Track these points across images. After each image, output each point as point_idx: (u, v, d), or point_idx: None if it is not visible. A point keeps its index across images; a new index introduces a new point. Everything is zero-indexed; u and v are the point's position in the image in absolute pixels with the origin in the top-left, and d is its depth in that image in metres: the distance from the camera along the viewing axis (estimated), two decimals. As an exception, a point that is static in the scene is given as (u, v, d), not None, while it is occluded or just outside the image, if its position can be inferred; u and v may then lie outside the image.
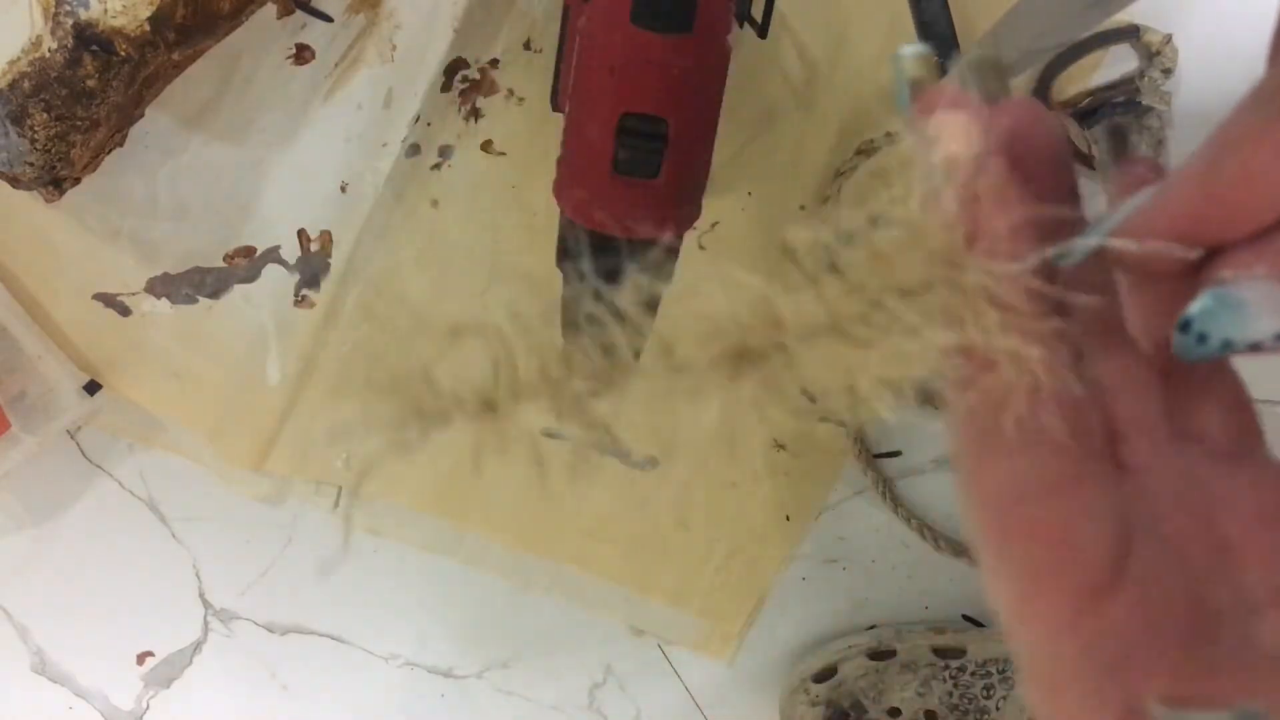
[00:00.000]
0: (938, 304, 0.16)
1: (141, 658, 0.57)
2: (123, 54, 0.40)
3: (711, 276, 0.18)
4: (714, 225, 0.50)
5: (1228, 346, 0.15)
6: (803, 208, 0.49)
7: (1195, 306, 0.16)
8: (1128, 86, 0.46)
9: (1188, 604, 0.17)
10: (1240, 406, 0.18)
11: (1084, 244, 0.17)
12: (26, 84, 0.40)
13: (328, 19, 0.46)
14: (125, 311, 0.51)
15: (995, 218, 0.16)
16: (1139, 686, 0.17)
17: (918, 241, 0.16)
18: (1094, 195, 0.49)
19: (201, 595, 0.56)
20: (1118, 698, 0.17)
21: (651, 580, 0.54)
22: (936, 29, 0.45)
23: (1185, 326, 0.16)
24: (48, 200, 0.46)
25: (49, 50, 0.40)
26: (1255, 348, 0.15)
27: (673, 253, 0.39)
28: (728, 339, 0.17)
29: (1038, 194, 0.17)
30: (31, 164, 0.42)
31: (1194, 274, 0.17)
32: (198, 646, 0.57)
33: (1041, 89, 0.46)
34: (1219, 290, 0.16)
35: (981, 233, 0.16)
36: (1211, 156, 0.16)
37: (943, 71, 0.19)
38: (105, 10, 0.39)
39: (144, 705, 0.57)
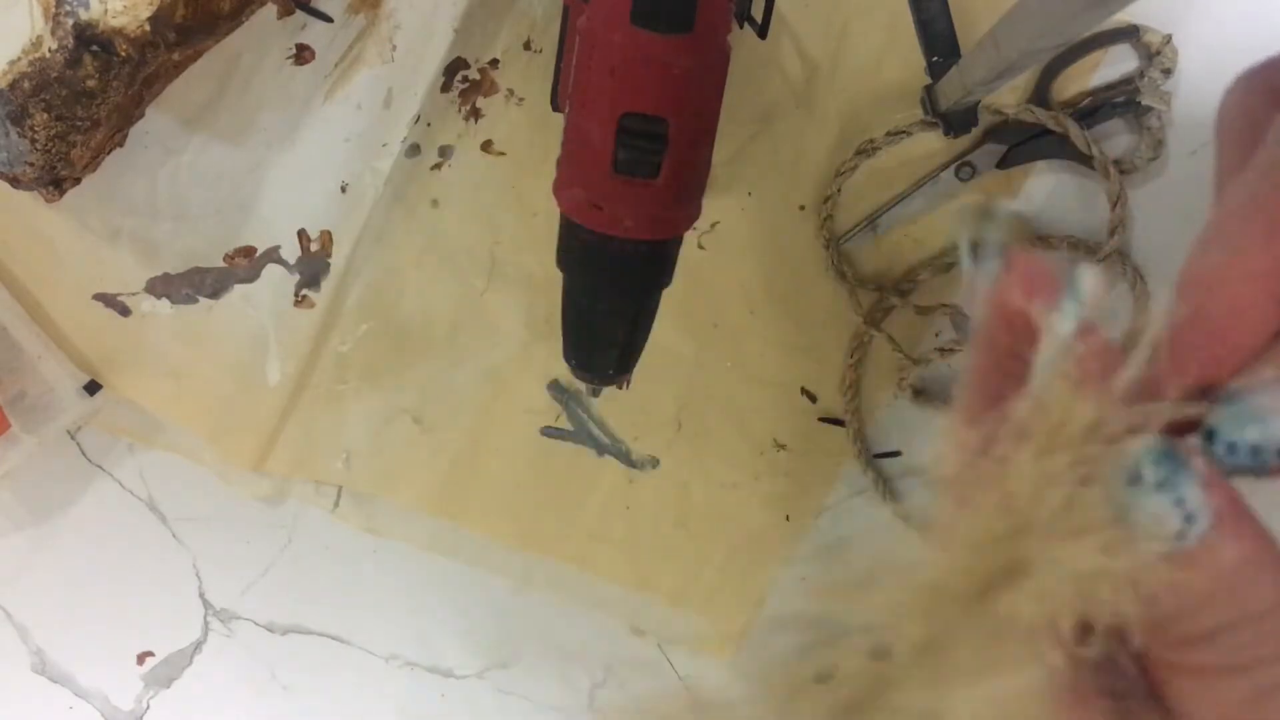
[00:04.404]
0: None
1: (141, 658, 0.57)
2: (123, 54, 0.40)
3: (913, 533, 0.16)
4: (714, 225, 0.50)
5: (1258, 454, 0.16)
6: (802, 208, 0.49)
7: (1215, 419, 0.16)
8: (1128, 86, 0.46)
9: None
10: None
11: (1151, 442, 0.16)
12: (27, 84, 0.40)
13: (328, 19, 0.46)
14: (125, 311, 0.51)
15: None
16: None
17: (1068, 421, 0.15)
18: (1096, 195, 0.49)
19: (201, 595, 0.56)
20: None
21: (651, 580, 0.54)
22: (936, 29, 0.45)
23: (1211, 436, 0.16)
24: (48, 200, 0.46)
25: (49, 50, 0.40)
26: None
27: (672, 253, 0.39)
28: (972, 575, 0.16)
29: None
30: (31, 164, 0.42)
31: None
32: (198, 646, 0.57)
33: (1041, 89, 0.46)
34: (1234, 401, 0.16)
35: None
36: (1195, 303, 0.17)
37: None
38: (105, 10, 0.39)
39: (144, 705, 0.57)
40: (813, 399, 0.52)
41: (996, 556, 0.16)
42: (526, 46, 0.48)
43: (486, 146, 0.49)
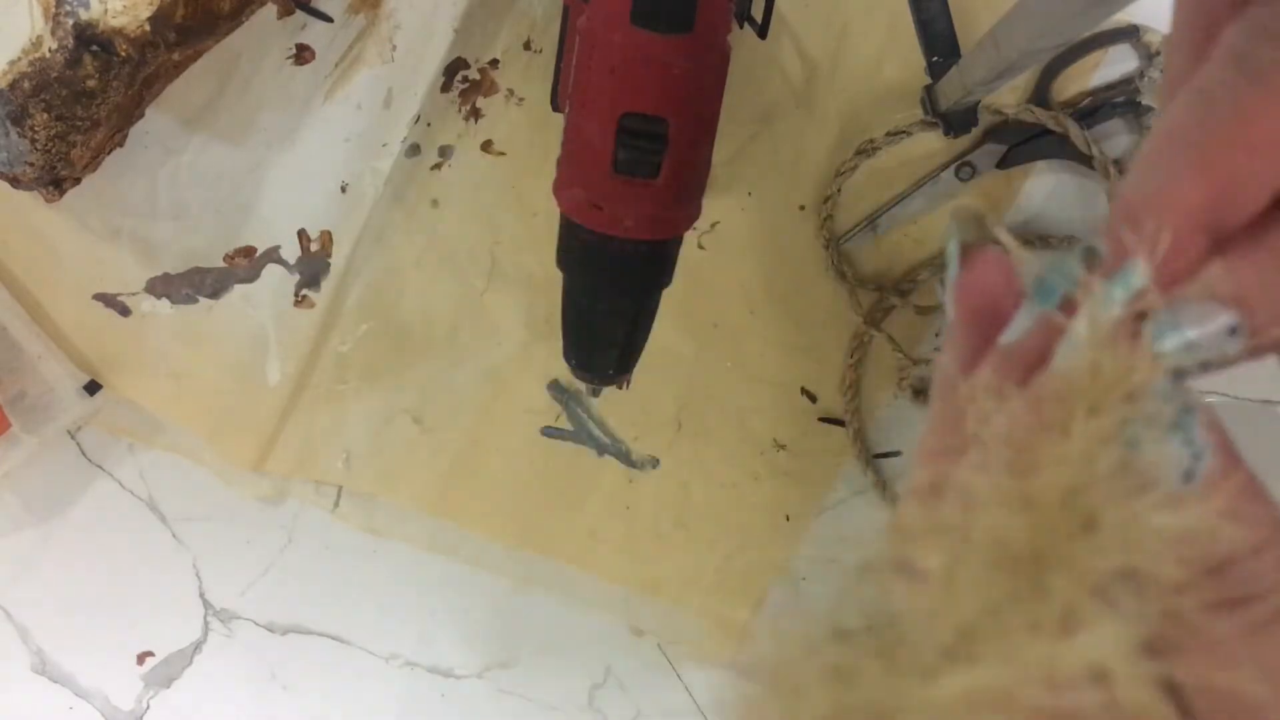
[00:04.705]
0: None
1: (141, 658, 0.57)
2: (123, 54, 0.40)
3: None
4: (714, 225, 0.50)
5: (1178, 371, 0.16)
6: (802, 208, 0.49)
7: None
8: (1128, 86, 0.46)
9: None
10: None
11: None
12: (27, 84, 0.40)
13: (328, 19, 0.46)
14: (125, 311, 0.51)
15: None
16: None
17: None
18: (1096, 195, 0.49)
19: (201, 595, 0.56)
20: None
21: (651, 580, 0.54)
22: (936, 29, 0.45)
23: None
24: (48, 200, 0.46)
25: (49, 50, 0.40)
26: (1206, 366, 0.16)
27: (672, 253, 0.39)
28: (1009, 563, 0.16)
29: None
30: (32, 164, 0.42)
31: None
32: (198, 646, 0.57)
33: (1041, 89, 0.46)
34: (1154, 319, 0.16)
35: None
36: (1127, 231, 0.17)
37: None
38: (105, 10, 0.39)
39: (144, 705, 0.57)
40: (813, 399, 0.52)
41: (1060, 517, 0.16)
42: (526, 46, 0.48)
43: (486, 146, 0.49)
